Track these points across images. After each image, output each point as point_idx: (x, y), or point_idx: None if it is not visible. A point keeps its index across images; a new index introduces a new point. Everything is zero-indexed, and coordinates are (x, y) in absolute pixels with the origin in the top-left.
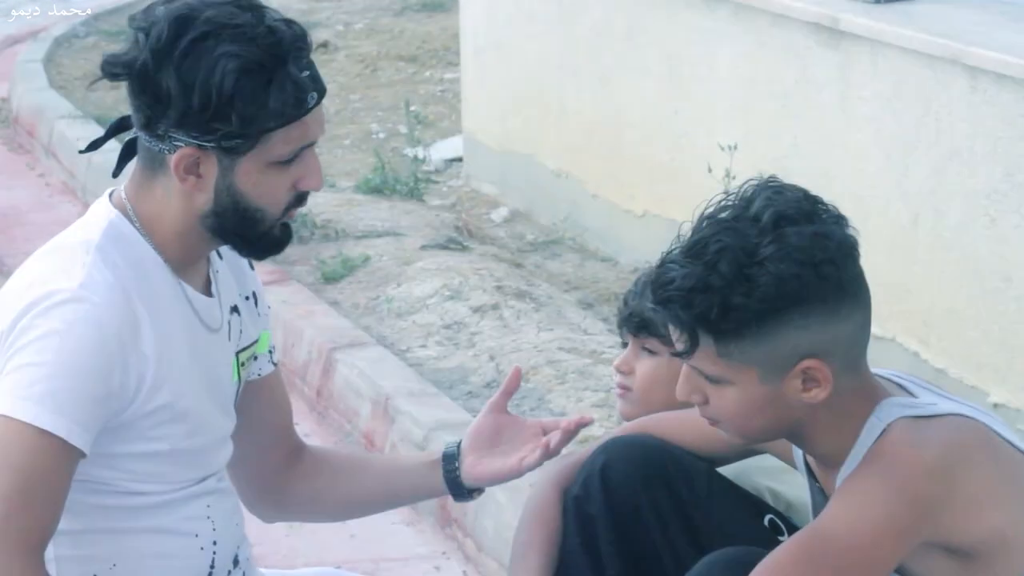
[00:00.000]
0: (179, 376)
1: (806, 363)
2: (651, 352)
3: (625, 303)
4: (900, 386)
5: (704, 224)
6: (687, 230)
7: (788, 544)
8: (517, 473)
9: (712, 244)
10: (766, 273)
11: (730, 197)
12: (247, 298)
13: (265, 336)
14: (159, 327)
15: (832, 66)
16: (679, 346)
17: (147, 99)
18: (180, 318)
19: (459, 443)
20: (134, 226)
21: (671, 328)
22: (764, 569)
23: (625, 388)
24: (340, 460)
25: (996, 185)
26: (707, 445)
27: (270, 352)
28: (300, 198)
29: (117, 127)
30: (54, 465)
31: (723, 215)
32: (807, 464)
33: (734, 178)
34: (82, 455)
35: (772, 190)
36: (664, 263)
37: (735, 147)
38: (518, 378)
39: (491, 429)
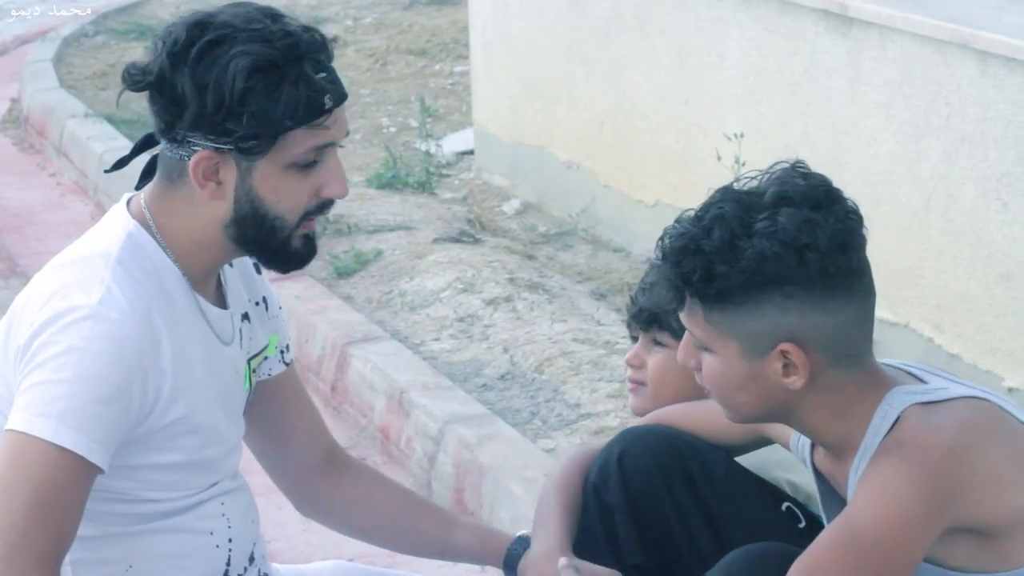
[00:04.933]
0: (194, 389)
1: (784, 346)
2: (662, 345)
3: (634, 298)
4: (910, 374)
5: (718, 192)
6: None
7: (821, 543)
8: None
9: (713, 210)
10: (751, 247)
11: (757, 174)
12: (257, 304)
13: (273, 339)
14: (176, 341)
15: (841, 52)
16: (672, 305)
17: (164, 103)
18: (196, 331)
19: (526, 542)
20: (154, 238)
21: (666, 286)
22: (801, 569)
23: (637, 383)
24: (401, 489)
25: (1008, 169)
26: (721, 435)
27: (281, 353)
28: (322, 206)
29: (143, 145)
30: (72, 482)
31: (737, 186)
32: (812, 461)
33: (743, 165)
34: (100, 471)
35: (793, 173)
36: (676, 221)
37: (742, 135)
38: None
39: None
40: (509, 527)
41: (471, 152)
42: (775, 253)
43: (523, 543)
